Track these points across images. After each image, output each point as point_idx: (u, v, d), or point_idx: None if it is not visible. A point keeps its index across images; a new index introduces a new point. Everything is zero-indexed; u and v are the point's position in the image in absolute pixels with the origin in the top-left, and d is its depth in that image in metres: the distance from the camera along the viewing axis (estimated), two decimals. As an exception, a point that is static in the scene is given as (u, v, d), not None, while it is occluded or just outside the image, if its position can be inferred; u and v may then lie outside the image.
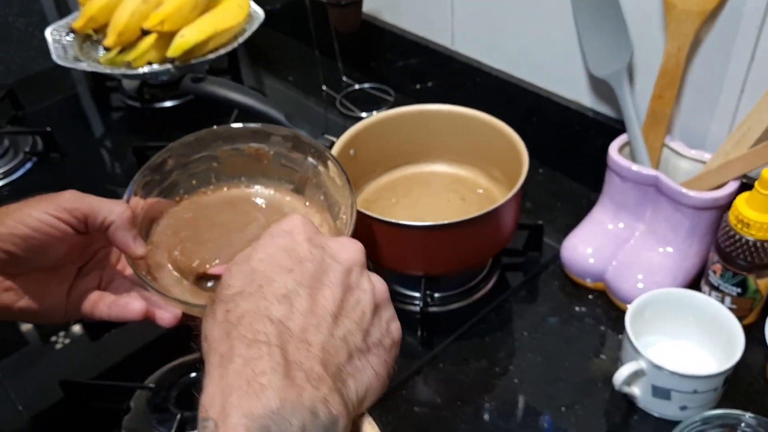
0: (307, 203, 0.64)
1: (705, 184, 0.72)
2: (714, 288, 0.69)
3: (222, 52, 1.02)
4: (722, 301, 0.69)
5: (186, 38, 0.97)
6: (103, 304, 0.57)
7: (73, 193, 0.55)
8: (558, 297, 0.77)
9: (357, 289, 0.41)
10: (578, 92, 0.86)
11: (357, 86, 1.13)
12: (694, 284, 0.73)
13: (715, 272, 0.68)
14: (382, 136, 0.80)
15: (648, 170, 0.72)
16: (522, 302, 0.77)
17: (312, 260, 0.40)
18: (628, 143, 0.77)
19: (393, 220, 0.65)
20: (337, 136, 0.89)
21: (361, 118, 1.06)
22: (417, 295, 0.75)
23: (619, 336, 0.72)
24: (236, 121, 0.99)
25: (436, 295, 0.76)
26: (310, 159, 0.64)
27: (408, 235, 0.67)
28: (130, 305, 0.56)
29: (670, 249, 0.73)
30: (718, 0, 0.66)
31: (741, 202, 0.64)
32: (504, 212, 0.68)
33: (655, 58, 0.75)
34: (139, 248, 0.55)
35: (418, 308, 0.73)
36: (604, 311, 0.75)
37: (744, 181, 0.69)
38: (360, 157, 0.79)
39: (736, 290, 0.67)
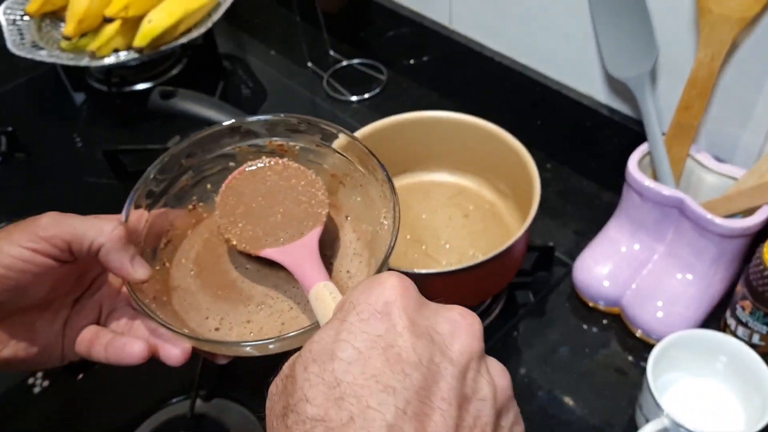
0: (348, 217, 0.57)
1: (734, 206, 0.65)
2: (741, 323, 0.63)
3: (195, 34, 0.92)
4: (750, 337, 0.63)
5: (154, 24, 0.87)
6: (100, 344, 0.48)
7: (51, 216, 0.46)
8: (569, 322, 0.72)
9: (474, 398, 0.31)
10: (592, 86, 0.78)
11: (345, 62, 1.04)
12: (716, 312, 0.68)
13: (744, 308, 0.63)
14: (378, 145, 0.72)
15: (672, 191, 0.65)
16: (531, 328, 0.71)
17: (418, 367, 0.30)
18: (648, 153, 0.70)
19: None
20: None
21: (350, 102, 0.98)
22: (418, 327, 0.70)
23: (632, 360, 0.68)
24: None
25: (439, 326, 0.71)
26: (343, 153, 0.56)
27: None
28: (128, 348, 0.47)
29: (692, 276, 0.67)
30: (763, 5, 0.57)
31: (778, 241, 0.58)
32: (514, 249, 0.62)
33: (683, 60, 0.66)
34: (139, 270, 0.47)
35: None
36: (619, 339, 0.70)
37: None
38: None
39: (767, 329, 0.62)
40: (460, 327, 0.32)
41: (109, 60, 0.89)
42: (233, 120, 0.56)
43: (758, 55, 0.61)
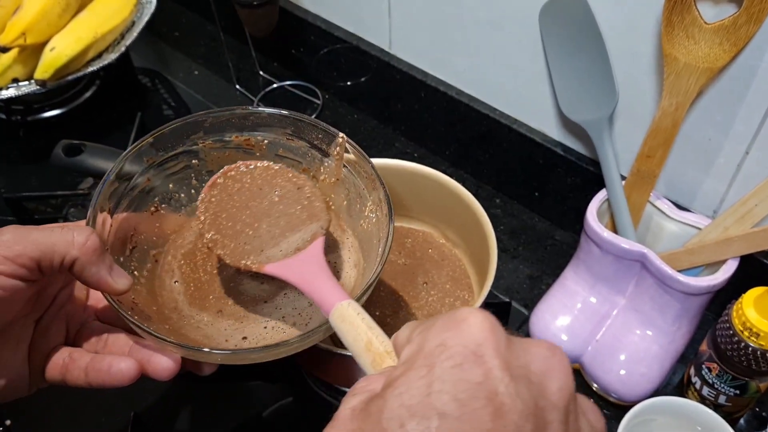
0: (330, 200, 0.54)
1: (698, 259, 0.62)
2: (707, 384, 0.60)
3: (106, 61, 0.82)
4: (716, 398, 0.60)
5: (58, 52, 0.77)
6: (77, 368, 0.43)
7: (13, 232, 0.40)
8: (528, 379, 0.67)
9: None
10: (545, 123, 0.73)
11: (276, 84, 0.96)
12: (678, 363, 0.65)
13: (710, 370, 0.59)
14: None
15: (634, 246, 0.61)
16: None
17: (528, 417, 0.26)
18: (606, 200, 0.65)
19: (337, 350, 0.53)
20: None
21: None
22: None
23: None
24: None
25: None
26: (317, 146, 0.53)
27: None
28: (115, 368, 0.42)
29: (655, 332, 0.63)
30: (731, 56, 0.53)
31: (748, 307, 0.54)
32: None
33: (644, 105, 0.62)
34: (120, 281, 0.42)
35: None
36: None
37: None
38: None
39: (734, 391, 0.59)
40: (552, 364, 0.29)
41: (7, 93, 0.78)
42: (197, 114, 0.52)
43: (722, 106, 0.57)
